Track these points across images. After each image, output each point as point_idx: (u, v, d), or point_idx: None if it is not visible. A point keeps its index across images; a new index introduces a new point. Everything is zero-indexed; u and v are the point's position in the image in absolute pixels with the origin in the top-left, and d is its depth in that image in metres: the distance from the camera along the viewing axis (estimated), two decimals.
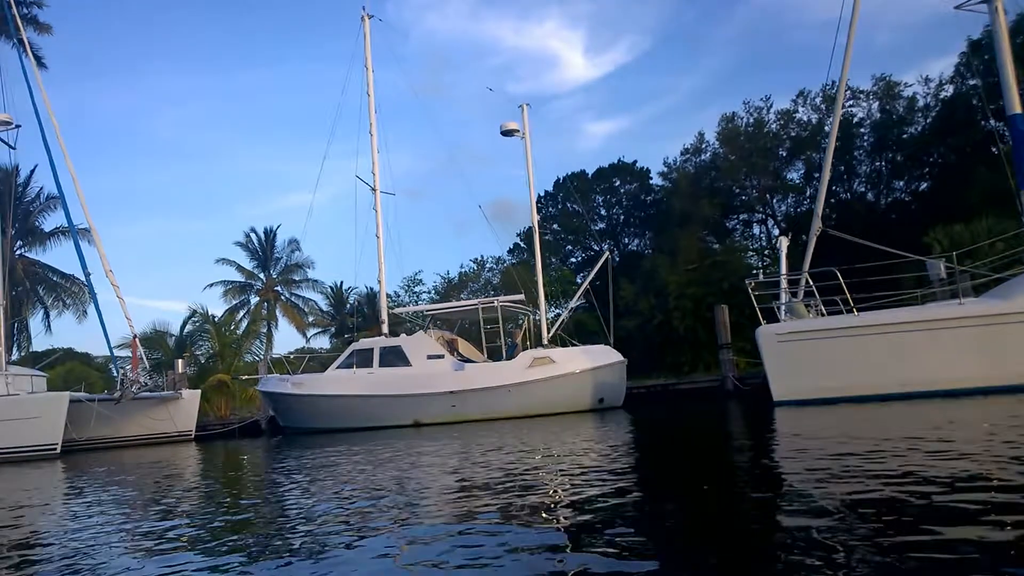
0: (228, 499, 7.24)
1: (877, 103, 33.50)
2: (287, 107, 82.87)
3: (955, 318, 13.33)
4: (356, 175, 22.57)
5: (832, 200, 35.42)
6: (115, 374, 21.97)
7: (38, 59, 31.11)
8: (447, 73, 70.39)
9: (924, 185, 32.43)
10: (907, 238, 24.02)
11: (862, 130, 33.82)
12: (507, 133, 22.88)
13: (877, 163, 34.08)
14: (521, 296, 21.92)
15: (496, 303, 21.00)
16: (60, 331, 72.41)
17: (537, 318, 22.59)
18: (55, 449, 18.76)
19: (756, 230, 38.31)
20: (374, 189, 22.66)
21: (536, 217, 23.80)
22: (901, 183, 33.45)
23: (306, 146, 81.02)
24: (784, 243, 17.23)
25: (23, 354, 33.75)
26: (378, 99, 23.50)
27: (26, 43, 23.24)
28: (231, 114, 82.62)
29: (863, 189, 34.99)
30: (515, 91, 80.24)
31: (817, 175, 34.98)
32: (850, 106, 33.80)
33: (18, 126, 22.62)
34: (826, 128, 33.90)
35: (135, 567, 3.99)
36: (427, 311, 23.50)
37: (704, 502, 4.84)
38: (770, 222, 37.16)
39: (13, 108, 23.08)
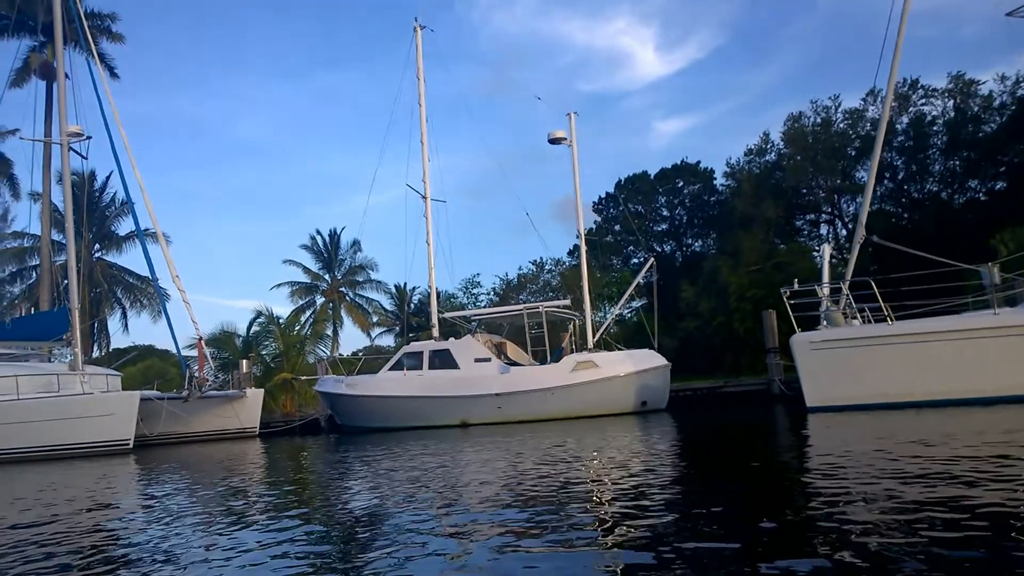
0: (289, 493, 7.76)
1: (952, 101, 32.28)
2: (357, 109, 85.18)
3: (989, 328, 13.05)
4: (407, 183, 23.32)
5: (904, 199, 34.41)
6: (184, 374, 23.24)
7: (110, 69, 32.83)
8: (516, 71, 71.06)
9: (1000, 184, 31.08)
10: (982, 238, 23.24)
11: (935, 128, 32.63)
12: (555, 141, 23.15)
13: (950, 162, 32.81)
14: (566, 301, 22.20)
15: (541, 308, 21.38)
16: (140, 329, 76.64)
17: (583, 323, 22.81)
18: (128, 444, 19.80)
19: (824, 230, 37.47)
20: (424, 197, 23.34)
21: (582, 227, 23.94)
22: (975, 182, 32.13)
23: (375, 148, 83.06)
24: (827, 250, 16.98)
25: (103, 353, 36.00)
26: (442, 98, 24.33)
27: (96, 58, 24.60)
28: (304, 117, 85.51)
29: (936, 188, 33.76)
30: (585, 89, 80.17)
31: (888, 174, 34.14)
32: (922, 104, 32.80)
33: (89, 138, 23.84)
34: (897, 127, 32.99)
35: (207, 554, 4.40)
36: (474, 316, 24.04)
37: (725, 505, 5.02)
38: (838, 223, 36.28)
39: (84, 118, 24.58)
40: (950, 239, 26.82)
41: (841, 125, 34.59)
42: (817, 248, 35.94)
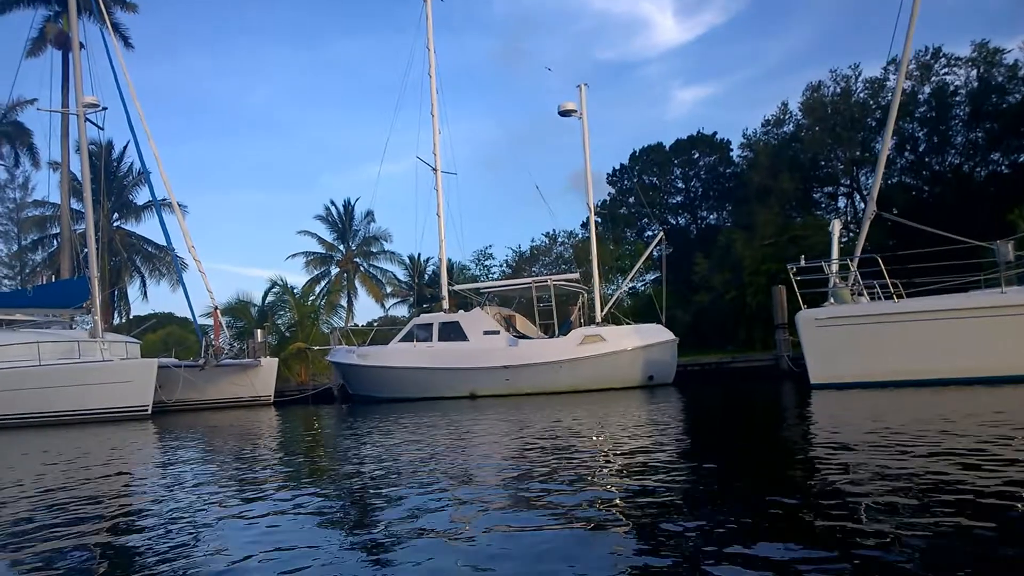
0: (299, 463, 8.02)
1: (975, 71, 31.58)
2: (371, 78, 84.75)
3: (995, 307, 12.96)
4: (417, 156, 23.33)
5: (924, 172, 33.91)
6: (201, 342, 23.66)
7: (124, 39, 32.82)
8: (531, 39, 70.25)
9: None
10: (1003, 213, 22.99)
11: (957, 98, 31.99)
12: (565, 114, 23.00)
13: (973, 133, 32.22)
14: (575, 275, 22.26)
15: (549, 281, 21.49)
16: (160, 296, 77.62)
17: (592, 296, 22.88)
18: (146, 411, 20.30)
19: (841, 203, 37.06)
20: (435, 170, 23.34)
21: (592, 201, 23.86)
22: (998, 155, 31.56)
23: (390, 116, 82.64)
24: (837, 226, 16.86)
25: (123, 320, 36.62)
26: (456, 67, 24.01)
27: (110, 28, 24.64)
28: (319, 86, 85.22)
29: (958, 160, 33.22)
30: (602, 57, 79.11)
31: (909, 146, 33.61)
32: (945, 74, 32.15)
33: (104, 108, 24.03)
34: (919, 97, 32.43)
35: (222, 514, 4.71)
36: (484, 288, 24.20)
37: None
38: (856, 196, 35.88)
39: (99, 88, 24.75)
40: (971, 213, 26.49)
41: (861, 95, 34.05)
42: (843, 219, 35.73)
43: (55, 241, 36.03)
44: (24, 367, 20.59)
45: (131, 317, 36.98)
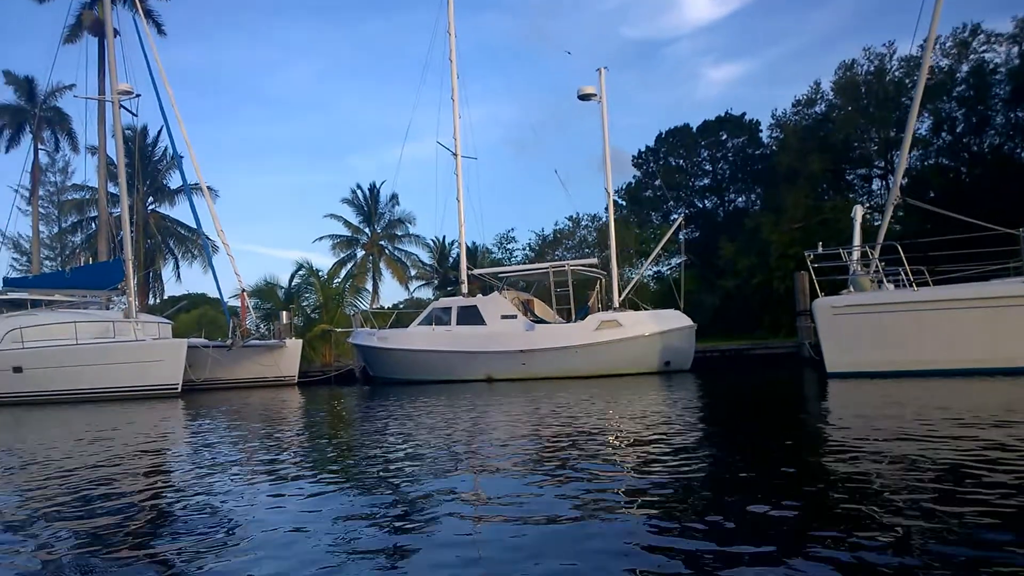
0: (322, 436, 8.54)
1: (1016, 47, 30.58)
2: (402, 55, 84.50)
3: (1014, 296, 12.70)
4: (437, 141, 23.42)
5: (963, 153, 33.08)
6: (229, 324, 24.26)
7: (157, 26, 33.38)
8: (557, 17, 69.46)
9: None
10: None
11: (997, 76, 31.06)
12: (584, 98, 22.80)
13: (1013, 113, 31.28)
14: (593, 260, 22.24)
15: (567, 267, 21.52)
16: (193, 278, 79.07)
17: (611, 281, 22.87)
18: (176, 389, 20.99)
19: (875, 185, 36.32)
20: (455, 155, 23.43)
21: (611, 186, 23.60)
22: None
23: (414, 95, 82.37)
24: (859, 212, 16.61)
25: (157, 301, 37.65)
26: (483, 45, 23.76)
27: (143, 15, 25.23)
28: (348, 65, 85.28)
29: (998, 141, 32.31)
30: (630, 35, 77.97)
31: (946, 126, 32.75)
32: (984, 51, 31.20)
33: (138, 95, 24.71)
34: (957, 76, 31.58)
35: (247, 489, 5.05)
36: (502, 273, 24.32)
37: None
38: (890, 178, 35.12)
39: (134, 74, 25.34)
40: (1011, 196, 25.72)
41: (896, 73, 33.24)
42: (865, 204, 35.05)
43: (93, 224, 37.05)
44: (62, 346, 21.37)
45: (165, 298, 38.06)
